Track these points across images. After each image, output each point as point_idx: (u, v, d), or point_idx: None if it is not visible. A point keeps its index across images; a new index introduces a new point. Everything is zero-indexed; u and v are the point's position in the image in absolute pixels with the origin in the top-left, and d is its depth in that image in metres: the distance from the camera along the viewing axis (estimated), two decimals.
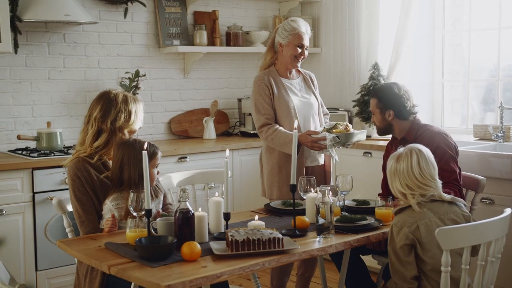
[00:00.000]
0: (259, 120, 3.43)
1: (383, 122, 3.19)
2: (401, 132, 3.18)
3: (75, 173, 2.65)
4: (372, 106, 3.23)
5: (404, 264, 2.38)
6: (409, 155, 2.46)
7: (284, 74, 3.52)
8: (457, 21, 4.95)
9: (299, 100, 3.48)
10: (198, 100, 5.07)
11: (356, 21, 5.09)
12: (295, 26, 3.43)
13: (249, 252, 2.24)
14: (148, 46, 4.76)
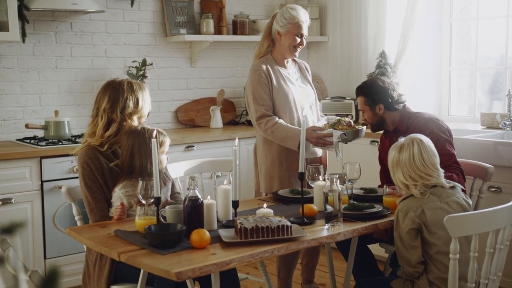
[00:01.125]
0: (257, 111, 3.30)
1: (375, 118, 3.19)
2: (393, 124, 3.19)
3: (86, 161, 2.66)
4: (361, 104, 3.23)
5: (409, 249, 2.40)
6: (411, 145, 2.47)
7: (281, 63, 3.42)
8: (465, 9, 4.93)
9: (297, 90, 3.40)
10: (204, 89, 5.07)
11: (363, 9, 5.07)
12: (294, 14, 3.32)
13: (258, 239, 2.25)
14: (155, 35, 4.76)
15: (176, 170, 3.30)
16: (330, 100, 5.13)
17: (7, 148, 3.78)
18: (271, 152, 3.38)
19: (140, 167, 2.62)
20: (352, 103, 5.03)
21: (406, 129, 3.08)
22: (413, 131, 2.88)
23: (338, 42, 5.33)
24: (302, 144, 2.54)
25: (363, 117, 3.28)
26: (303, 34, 3.36)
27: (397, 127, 3.16)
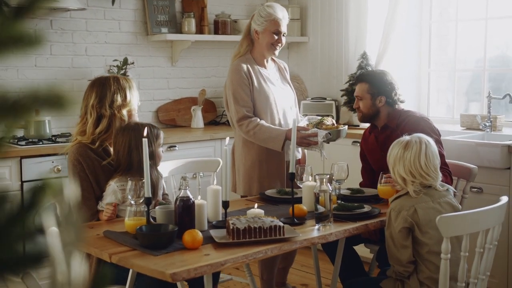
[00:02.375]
0: (238, 113, 3.24)
1: (372, 108, 3.15)
2: (383, 120, 3.17)
3: (77, 158, 2.64)
4: (362, 91, 3.16)
5: (400, 248, 2.42)
6: (419, 144, 2.49)
7: (260, 63, 3.37)
8: (444, 11, 4.99)
9: (278, 91, 3.37)
10: (185, 89, 5.04)
11: (344, 10, 5.10)
12: (271, 11, 3.28)
13: (250, 240, 2.24)
14: (136, 33, 4.72)
15: (160, 170, 3.26)
16: (310, 100, 5.14)
17: None
18: (251, 153, 3.34)
19: (138, 163, 2.60)
20: (332, 104, 5.05)
21: (396, 126, 3.09)
22: (404, 129, 2.90)
23: (319, 42, 5.35)
24: (293, 145, 2.54)
25: (356, 105, 3.21)
26: (281, 31, 3.30)
27: (386, 124, 3.15)
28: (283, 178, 3.35)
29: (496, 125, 4.22)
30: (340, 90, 4.92)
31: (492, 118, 4.20)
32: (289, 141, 3.21)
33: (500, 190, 3.58)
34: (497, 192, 3.55)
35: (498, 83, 4.66)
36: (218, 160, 3.58)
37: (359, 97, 3.18)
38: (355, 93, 3.22)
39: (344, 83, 4.91)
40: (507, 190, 3.58)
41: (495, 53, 4.68)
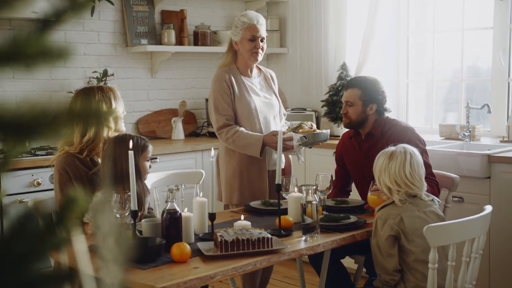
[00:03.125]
0: (218, 121, 3.27)
1: (362, 115, 3.10)
2: (368, 127, 3.14)
3: (64, 168, 2.61)
4: (353, 97, 3.10)
5: (386, 257, 2.44)
6: (404, 154, 2.51)
7: (244, 72, 3.37)
8: (421, 22, 5.06)
9: (261, 101, 3.36)
10: (165, 100, 5.01)
11: (323, 21, 5.13)
12: (244, 20, 3.29)
13: (239, 252, 2.23)
14: (116, 45, 4.69)
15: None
16: (290, 111, 5.15)
17: None
18: (232, 162, 3.34)
19: (124, 175, 2.56)
20: (312, 115, 5.07)
21: (380, 134, 3.08)
22: (389, 138, 2.92)
23: (298, 53, 5.37)
24: (279, 155, 2.53)
25: (344, 110, 3.14)
26: (257, 36, 3.28)
27: (371, 132, 3.12)
28: (264, 187, 3.33)
29: (475, 135, 4.28)
30: (321, 100, 4.94)
31: (471, 128, 4.25)
32: (269, 147, 3.24)
33: (481, 199, 3.62)
34: (478, 201, 3.59)
35: (470, 93, 4.73)
36: (201, 171, 3.56)
37: (350, 103, 3.11)
38: (345, 98, 3.14)
39: (324, 94, 4.93)
40: (487, 199, 3.62)
41: (466, 63, 4.75)
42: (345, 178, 3.31)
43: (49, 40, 0.48)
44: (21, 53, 0.47)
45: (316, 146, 3.48)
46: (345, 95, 3.17)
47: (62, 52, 0.48)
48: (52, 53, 0.47)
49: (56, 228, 0.52)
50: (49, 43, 0.48)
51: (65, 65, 4.43)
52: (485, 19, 4.52)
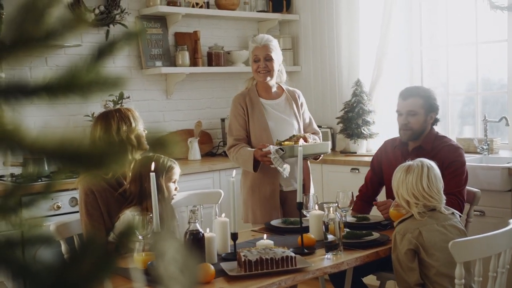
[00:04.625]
0: (228, 142, 3.38)
1: (423, 125, 3.03)
2: (420, 141, 3.07)
3: (89, 188, 2.63)
4: (416, 106, 3.01)
5: (407, 271, 2.43)
6: (420, 167, 2.52)
7: (263, 93, 3.41)
8: (433, 37, 5.06)
9: (277, 122, 3.36)
10: (181, 121, 5.04)
11: (336, 38, 5.15)
12: (251, 44, 3.40)
13: (263, 271, 2.22)
14: (130, 67, 4.73)
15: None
16: None
17: None
18: (247, 181, 3.37)
19: (146, 192, 2.58)
20: (328, 132, 5.07)
21: (431, 149, 3.00)
22: (439, 153, 2.91)
23: (312, 71, 5.39)
24: (300, 174, 2.53)
25: (405, 120, 3.03)
26: (260, 57, 3.30)
27: (421, 145, 3.05)
28: (277, 206, 3.30)
29: (493, 148, 4.25)
30: (336, 117, 4.94)
31: (489, 141, 4.23)
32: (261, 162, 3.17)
33: (503, 212, 3.59)
34: (499, 215, 3.56)
35: (483, 106, 4.70)
36: (220, 191, 3.56)
37: (413, 112, 3.01)
38: (408, 108, 3.03)
39: (339, 110, 4.93)
40: (509, 213, 3.59)
41: (481, 76, 4.74)
42: (375, 186, 3.27)
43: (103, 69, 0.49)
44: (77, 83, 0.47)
45: (339, 162, 3.47)
46: (405, 105, 3.05)
47: (117, 81, 0.48)
48: (107, 82, 0.48)
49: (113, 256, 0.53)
50: (103, 72, 0.49)
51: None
52: (499, 32, 4.51)
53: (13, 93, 0.49)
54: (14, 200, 0.61)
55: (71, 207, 3.72)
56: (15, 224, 0.59)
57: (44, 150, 0.46)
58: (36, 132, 0.48)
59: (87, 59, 0.52)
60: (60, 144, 0.46)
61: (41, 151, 0.46)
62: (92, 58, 0.52)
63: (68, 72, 0.49)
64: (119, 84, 0.51)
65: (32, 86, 0.49)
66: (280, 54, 3.43)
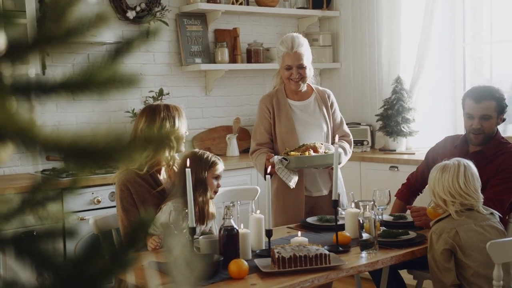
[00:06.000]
0: (251, 146, 3.30)
1: (494, 128, 2.91)
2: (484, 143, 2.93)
3: (124, 184, 2.68)
4: (490, 109, 2.87)
5: (443, 271, 2.40)
6: (457, 166, 2.48)
7: (291, 94, 3.27)
8: (477, 34, 4.96)
9: (305, 125, 3.24)
10: (220, 118, 5.07)
11: (377, 35, 5.10)
12: (281, 48, 3.19)
13: (296, 268, 2.22)
14: (170, 64, 4.78)
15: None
16: None
17: (25, 181, 3.76)
18: (273, 185, 3.24)
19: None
20: (367, 129, 5.03)
21: (493, 155, 2.89)
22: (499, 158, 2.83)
23: (351, 68, 5.35)
24: (336, 174, 2.52)
25: (478, 125, 2.89)
26: (292, 65, 3.14)
27: (482, 150, 2.91)
28: (301, 212, 3.18)
29: None
30: (375, 115, 4.90)
31: None
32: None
33: None
34: None
35: None
36: (256, 188, 3.58)
37: (488, 116, 2.88)
38: (481, 112, 2.88)
39: (378, 108, 4.89)
40: None
41: None
42: (425, 179, 3.19)
43: (120, 67, 0.50)
44: (94, 81, 0.49)
45: (378, 160, 3.41)
46: (479, 108, 2.90)
47: (133, 79, 0.49)
48: (123, 80, 0.49)
49: (126, 250, 0.54)
50: (121, 71, 0.50)
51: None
52: None
53: (33, 90, 0.50)
54: (41, 194, 0.63)
55: (111, 201, 3.79)
56: (41, 217, 0.61)
57: (57, 147, 0.47)
58: (50, 129, 0.50)
59: (105, 57, 0.53)
60: (72, 140, 0.47)
61: (54, 148, 0.47)
62: (110, 56, 0.53)
63: (85, 70, 0.51)
64: (135, 82, 0.52)
65: (51, 83, 0.50)
66: (310, 54, 3.26)
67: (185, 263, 0.56)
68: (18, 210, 0.61)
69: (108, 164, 0.50)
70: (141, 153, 0.50)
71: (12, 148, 0.54)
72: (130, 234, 0.54)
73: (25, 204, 0.62)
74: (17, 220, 0.63)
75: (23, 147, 0.49)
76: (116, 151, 0.48)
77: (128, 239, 0.54)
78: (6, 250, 0.56)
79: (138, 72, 0.52)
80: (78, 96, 0.52)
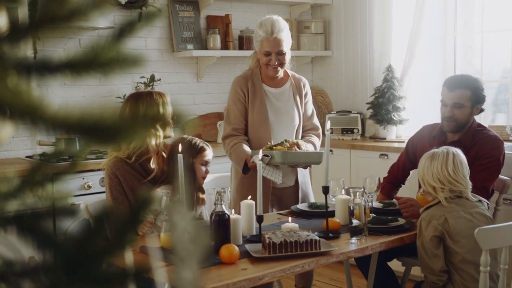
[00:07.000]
0: (225, 130, 3.15)
1: (468, 117, 2.94)
2: (461, 134, 2.98)
3: (113, 172, 2.68)
4: (463, 98, 2.90)
5: (431, 257, 2.43)
6: (446, 154, 2.51)
7: (266, 79, 3.16)
8: (468, 22, 4.98)
9: (278, 114, 3.16)
10: (211, 104, 5.07)
11: (368, 23, 5.11)
12: (259, 32, 3.05)
13: (287, 254, 2.24)
14: (162, 50, 4.77)
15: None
16: (335, 114, 5.15)
17: (16, 166, 3.75)
18: (237, 178, 3.21)
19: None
20: (358, 117, 5.05)
21: (470, 143, 2.91)
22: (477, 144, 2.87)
23: (343, 56, 5.36)
24: (327, 160, 2.54)
25: (450, 112, 2.94)
26: (271, 51, 3.02)
27: (460, 139, 2.95)
28: (266, 205, 3.08)
29: None
30: (366, 103, 4.92)
31: None
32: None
33: None
34: None
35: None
36: None
37: (459, 105, 2.92)
38: (454, 100, 2.93)
39: (369, 96, 4.91)
40: None
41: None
42: (407, 170, 3.23)
43: (124, 48, 0.51)
44: (98, 60, 0.50)
45: (368, 148, 3.43)
46: (452, 96, 2.94)
47: (137, 59, 0.50)
48: (127, 60, 0.50)
49: (128, 228, 0.55)
50: (124, 51, 0.51)
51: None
52: None
53: (38, 69, 0.51)
54: (41, 175, 0.64)
55: (101, 186, 3.79)
56: (42, 197, 0.62)
57: (65, 124, 0.48)
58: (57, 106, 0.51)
59: (109, 38, 0.54)
60: (81, 117, 0.48)
61: (62, 125, 0.48)
62: (113, 37, 0.54)
63: (90, 50, 0.52)
64: (139, 62, 0.53)
65: (56, 63, 0.51)
66: (290, 39, 3.13)
67: (191, 239, 0.57)
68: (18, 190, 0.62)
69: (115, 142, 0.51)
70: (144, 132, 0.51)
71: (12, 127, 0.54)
72: (133, 212, 0.56)
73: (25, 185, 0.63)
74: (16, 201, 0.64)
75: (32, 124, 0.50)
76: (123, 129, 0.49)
77: (131, 217, 0.55)
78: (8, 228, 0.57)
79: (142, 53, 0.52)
80: (83, 76, 0.53)
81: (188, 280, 0.56)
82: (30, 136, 4.18)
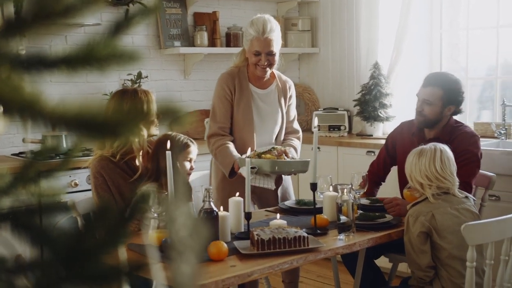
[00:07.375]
0: (211, 128, 3.11)
1: (438, 116, 2.95)
2: (438, 131, 3.01)
3: (98, 171, 2.67)
4: (433, 96, 2.92)
5: (418, 253, 2.45)
6: (433, 150, 2.53)
7: (253, 79, 3.12)
8: (454, 21, 5.01)
9: (262, 117, 3.14)
10: (198, 101, 5.07)
11: (355, 20, 5.13)
12: (250, 31, 3.02)
13: (275, 251, 2.25)
14: (149, 47, 4.75)
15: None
16: (322, 111, 5.16)
17: (1, 163, 3.72)
18: (218, 177, 3.21)
19: (161, 169, 2.63)
20: (345, 114, 5.06)
21: (448, 140, 2.91)
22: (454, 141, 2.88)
23: (330, 53, 5.38)
24: (315, 152, 2.55)
25: (420, 108, 2.98)
26: (261, 51, 2.99)
27: (439, 137, 2.95)
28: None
29: (511, 133, 4.22)
30: (353, 100, 4.94)
31: (506, 125, 4.20)
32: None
33: None
34: None
35: (503, 91, 4.67)
36: None
37: (429, 102, 2.94)
38: (424, 96, 2.97)
39: (356, 93, 4.93)
40: None
41: (501, 61, 4.69)
42: (387, 166, 3.25)
43: (120, 44, 0.52)
44: (95, 56, 0.50)
45: (355, 145, 3.44)
46: (424, 92, 2.98)
47: (133, 55, 0.51)
48: (124, 56, 0.50)
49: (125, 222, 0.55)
50: (121, 47, 0.51)
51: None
52: None
53: (34, 64, 0.51)
54: (32, 172, 0.63)
55: (88, 184, 3.77)
56: (34, 193, 0.62)
57: (63, 118, 0.48)
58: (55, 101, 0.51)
59: (105, 33, 0.54)
60: (79, 111, 0.48)
61: (60, 119, 0.48)
62: (110, 33, 0.54)
63: (86, 46, 0.52)
64: (135, 58, 0.53)
65: (52, 58, 0.51)
66: (281, 39, 3.11)
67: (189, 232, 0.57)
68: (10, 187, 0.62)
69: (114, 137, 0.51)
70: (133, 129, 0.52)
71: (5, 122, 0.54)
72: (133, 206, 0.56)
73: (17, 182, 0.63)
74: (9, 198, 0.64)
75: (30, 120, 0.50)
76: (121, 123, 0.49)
77: (128, 212, 0.55)
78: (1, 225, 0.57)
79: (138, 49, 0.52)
80: (79, 72, 0.53)
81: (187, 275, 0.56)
82: (18, 133, 4.15)
